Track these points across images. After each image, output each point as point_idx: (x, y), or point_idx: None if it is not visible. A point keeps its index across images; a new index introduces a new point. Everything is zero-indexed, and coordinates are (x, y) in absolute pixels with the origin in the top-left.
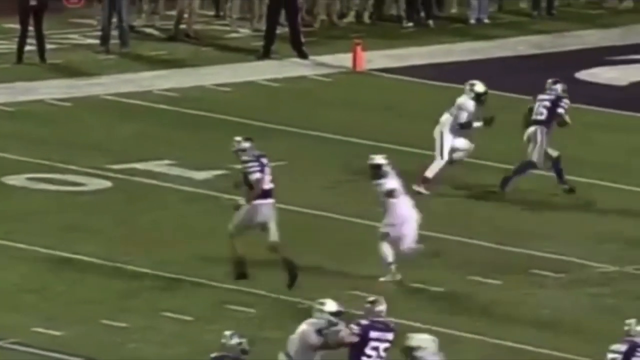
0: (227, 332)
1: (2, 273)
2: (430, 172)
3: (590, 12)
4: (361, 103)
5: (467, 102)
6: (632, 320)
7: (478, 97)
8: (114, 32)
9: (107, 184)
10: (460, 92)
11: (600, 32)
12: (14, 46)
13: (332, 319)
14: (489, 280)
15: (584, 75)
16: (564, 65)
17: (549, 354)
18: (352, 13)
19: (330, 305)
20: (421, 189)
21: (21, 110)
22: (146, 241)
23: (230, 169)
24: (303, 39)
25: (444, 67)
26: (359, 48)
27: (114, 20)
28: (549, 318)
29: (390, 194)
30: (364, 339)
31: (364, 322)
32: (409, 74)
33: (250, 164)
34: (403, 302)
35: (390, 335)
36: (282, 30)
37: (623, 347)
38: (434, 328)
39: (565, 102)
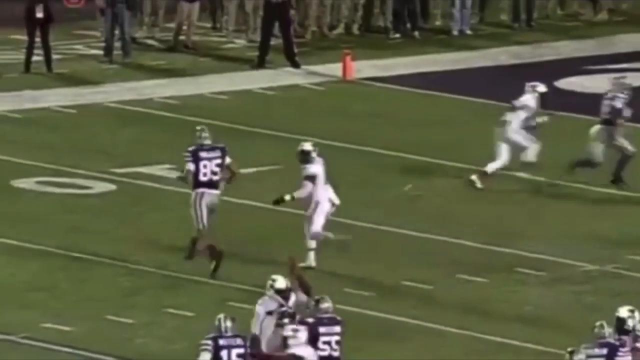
0: (221, 315)
1: (13, 272)
2: (530, 157)
3: (567, 24)
4: (351, 110)
5: (531, 101)
6: (603, 322)
7: (541, 97)
8: (117, 44)
9: (112, 187)
10: (446, 100)
11: (576, 43)
12: (22, 56)
13: (285, 307)
14: (476, 279)
15: (562, 84)
16: (543, 74)
17: (532, 348)
18: (342, 25)
19: (279, 282)
20: (525, 175)
21: (28, 117)
22: (149, 241)
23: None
24: (295, 50)
25: (429, 76)
26: (348, 58)
27: (117, 32)
28: (532, 314)
29: (310, 178)
30: (314, 336)
31: (310, 320)
32: (395, 82)
33: (185, 154)
34: (393, 299)
35: (338, 328)
36: (275, 41)
37: (603, 351)
38: (423, 324)
39: (622, 97)
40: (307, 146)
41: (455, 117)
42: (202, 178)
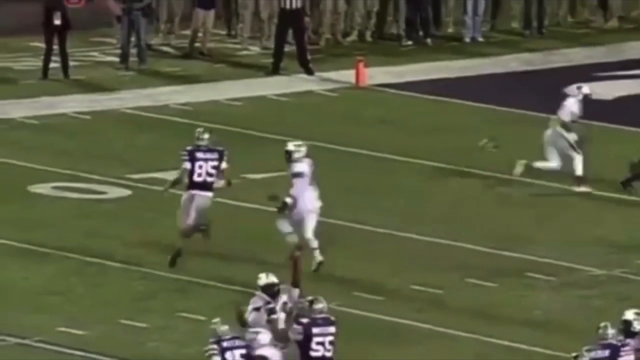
0: (216, 319)
1: (28, 276)
2: (579, 171)
3: (578, 32)
4: (363, 116)
5: (575, 103)
6: (607, 323)
7: (585, 98)
8: (133, 50)
9: (127, 192)
10: (456, 107)
11: (586, 50)
12: (40, 63)
13: (272, 303)
14: (485, 283)
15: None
16: (553, 81)
17: (541, 352)
18: (355, 32)
19: (262, 279)
20: (583, 189)
21: (45, 123)
22: (163, 246)
23: (243, 178)
24: (309, 56)
25: (441, 83)
26: (361, 65)
27: (133, 39)
28: (541, 318)
29: (297, 175)
30: (308, 336)
31: (305, 320)
32: (408, 89)
33: (182, 154)
34: (404, 304)
35: (332, 329)
36: (289, 48)
37: (606, 352)
38: (432, 327)
39: None
40: (290, 146)
41: (466, 123)
42: (196, 179)
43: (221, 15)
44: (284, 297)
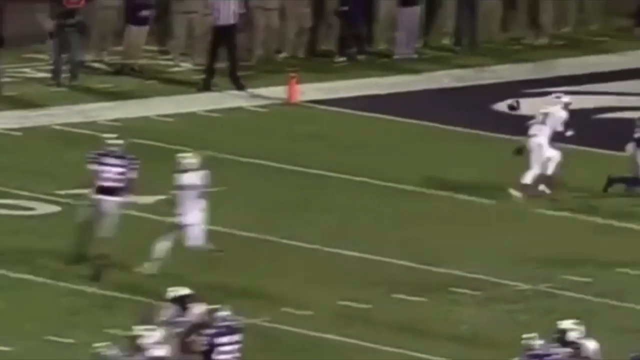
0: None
1: None
2: (527, 179)
3: (509, 48)
4: (293, 132)
5: (559, 111)
6: (536, 334)
7: (566, 107)
8: (65, 67)
9: (56, 208)
10: (388, 123)
11: (515, 67)
12: None
13: (180, 315)
14: (412, 298)
15: (500, 106)
16: (482, 97)
17: None
18: (288, 49)
19: (172, 293)
20: (517, 193)
21: None
22: (90, 261)
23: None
24: (240, 72)
25: (373, 99)
26: (293, 81)
27: (65, 55)
28: (468, 333)
29: (179, 187)
30: (213, 346)
31: (209, 331)
32: (339, 105)
33: (90, 157)
34: (331, 319)
35: (237, 337)
36: (221, 64)
37: None
38: (360, 343)
39: None
40: (180, 157)
41: (396, 139)
42: (104, 183)
43: (154, 31)
44: (193, 310)
